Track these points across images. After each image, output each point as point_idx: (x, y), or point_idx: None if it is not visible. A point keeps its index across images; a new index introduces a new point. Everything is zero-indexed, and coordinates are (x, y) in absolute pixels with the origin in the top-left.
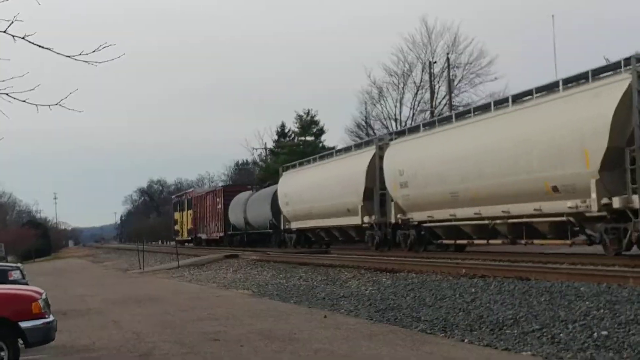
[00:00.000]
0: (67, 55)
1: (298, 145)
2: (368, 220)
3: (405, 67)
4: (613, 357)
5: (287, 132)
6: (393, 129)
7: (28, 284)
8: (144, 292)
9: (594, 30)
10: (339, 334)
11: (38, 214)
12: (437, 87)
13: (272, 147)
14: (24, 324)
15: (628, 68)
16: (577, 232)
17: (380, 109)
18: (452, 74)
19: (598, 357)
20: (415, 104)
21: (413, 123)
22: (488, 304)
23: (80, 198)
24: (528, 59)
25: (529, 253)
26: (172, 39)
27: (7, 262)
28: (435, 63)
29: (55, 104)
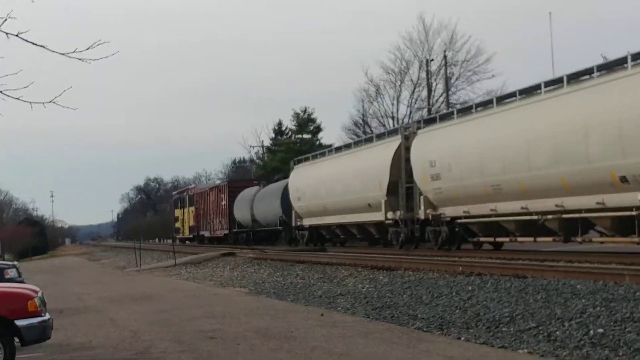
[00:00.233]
0: (60, 53)
1: (295, 143)
2: (392, 216)
3: (403, 64)
4: (609, 354)
5: (284, 129)
6: (390, 127)
7: (24, 282)
8: (141, 290)
9: (592, 28)
10: (336, 332)
11: (35, 212)
12: (434, 84)
13: (269, 145)
14: (20, 323)
15: None
16: None
17: (378, 107)
18: (449, 72)
19: (594, 354)
20: (413, 102)
21: (410, 121)
22: (485, 302)
23: (77, 196)
24: (525, 57)
25: (527, 251)
26: (171, 38)
27: (3, 260)
28: (433, 61)
29: (49, 102)
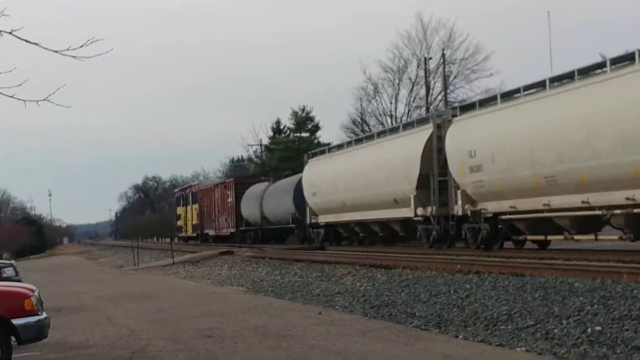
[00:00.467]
0: (54, 50)
1: (293, 142)
2: (422, 213)
3: (401, 63)
4: (606, 352)
5: (282, 128)
6: (388, 125)
7: (21, 281)
8: (139, 288)
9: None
10: (334, 331)
11: (32, 211)
12: (432, 83)
13: (267, 143)
14: (17, 321)
15: None
16: None
17: (376, 105)
18: (447, 70)
19: (592, 352)
20: (411, 100)
21: (409, 119)
22: (482, 300)
23: (75, 195)
24: (524, 57)
25: (524, 249)
26: (170, 38)
27: (1, 259)
28: (431, 59)
29: (43, 100)
